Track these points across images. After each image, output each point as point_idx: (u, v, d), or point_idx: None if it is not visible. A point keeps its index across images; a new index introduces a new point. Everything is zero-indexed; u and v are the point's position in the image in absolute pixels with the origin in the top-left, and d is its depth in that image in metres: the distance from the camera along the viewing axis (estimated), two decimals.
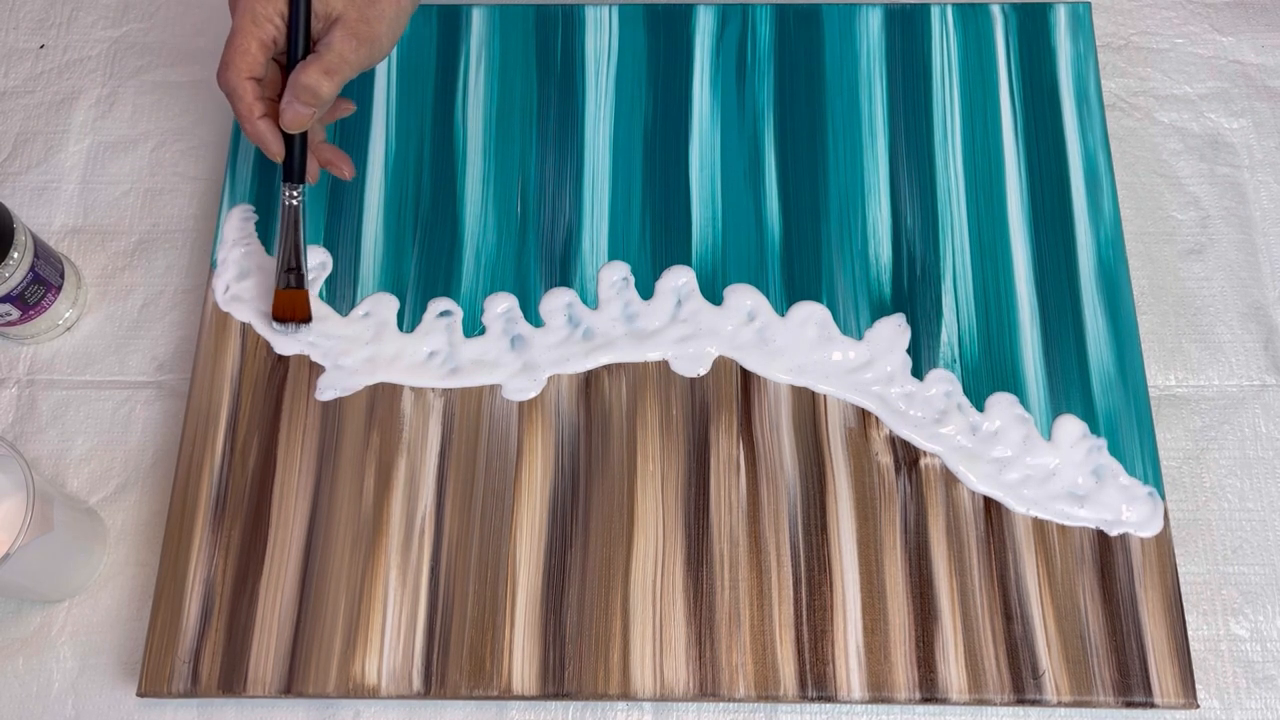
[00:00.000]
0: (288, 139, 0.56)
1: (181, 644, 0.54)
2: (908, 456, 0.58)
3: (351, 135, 0.65)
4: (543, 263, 0.62)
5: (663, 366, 0.60)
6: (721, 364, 0.60)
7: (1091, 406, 0.58)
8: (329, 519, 0.57)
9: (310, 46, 0.55)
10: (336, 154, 0.60)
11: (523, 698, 0.54)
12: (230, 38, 0.54)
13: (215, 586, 0.55)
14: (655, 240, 0.63)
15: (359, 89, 0.66)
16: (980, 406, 0.58)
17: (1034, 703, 0.53)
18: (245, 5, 0.54)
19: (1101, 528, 0.56)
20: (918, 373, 0.59)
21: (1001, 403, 0.58)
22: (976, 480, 0.57)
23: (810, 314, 0.60)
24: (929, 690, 0.53)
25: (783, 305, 0.61)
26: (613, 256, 0.62)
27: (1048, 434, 0.58)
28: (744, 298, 0.61)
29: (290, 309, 0.59)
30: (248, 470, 0.58)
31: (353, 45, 0.54)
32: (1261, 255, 0.64)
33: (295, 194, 0.58)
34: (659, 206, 0.63)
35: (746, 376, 0.59)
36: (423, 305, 0.61)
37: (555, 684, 0.54)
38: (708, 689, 0.53)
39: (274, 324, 0.60)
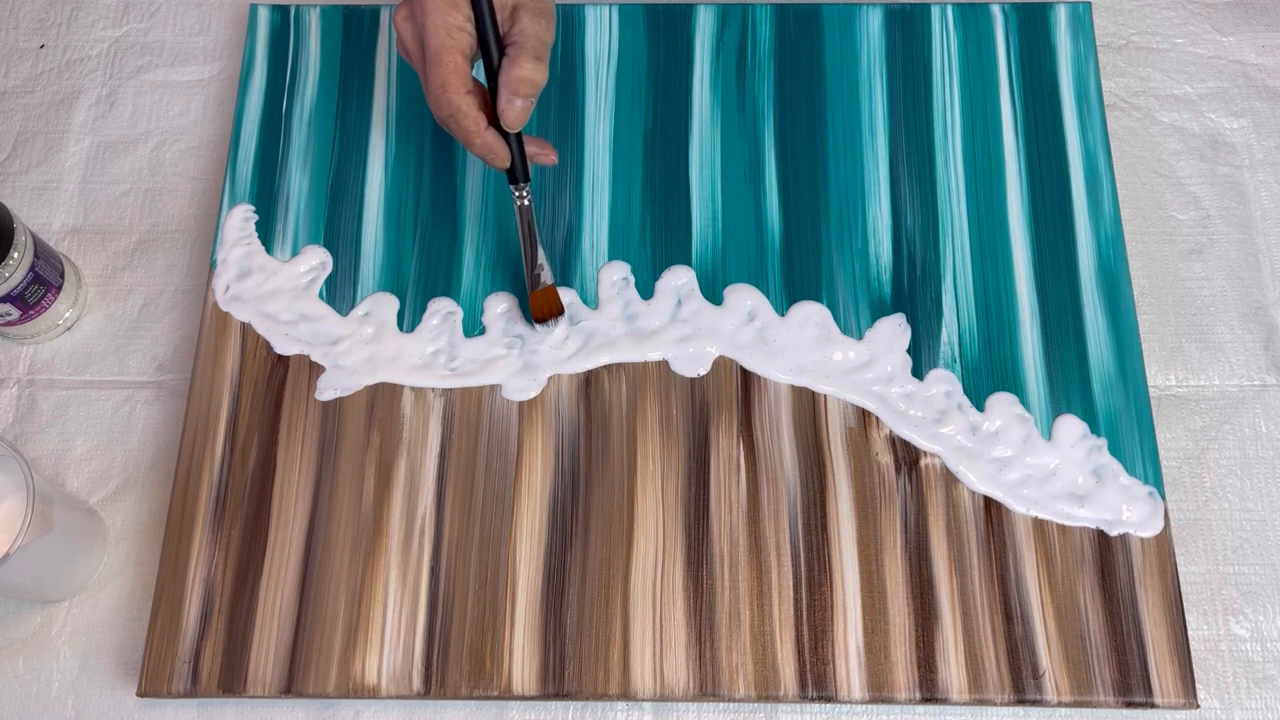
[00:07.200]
0: (508, 141, 0.55)
1: (181, 644, 0.54)
2: (908, 456, 0.58)
3: (352, 135, 0.65)
4: None
5: (663, 366, 0.60)
6: (721, 364, 0.60)
7: (1092, 406, 0.58)
8: (329, 519, 0.57)
9: (501, 41, 0.54)
10: (540, 144, 0.59)
11: (523, 698, 0.54)
12: (435, 58, 0.52)
13: (215, 586, 0.55)
14: (655, 240, 0.62)
15: (359, 89, 0.66)
16: (980, 406, 0.58)
17: (1034, 703, 0.53)
18: (437, 23, 0.52)
19: (1102, 528, 0.56)
20: (918, 373, 0.59)
21: (1001, 403, 0.58)
22: (976, 480, 0.57)
23: (810, 314, 0.60)
24: (929, 690, 0.53)
25: (783, 305, 0.61)
26: (613, 256, 0.62)
27: (1048, 434, 0.58)
28: (744, 298, 0.61)
29: (547, 307, 0.59)
30: (248, 470, 0.58)
31: (543, 24, 0.54)
32: (1261, 255, 0.64)
33: (525, 194, 0.57)
34: (659, 206, 0.63)
35: (746, 376, 0.59)
36: (423, 305, 0.61)
37: (555, 684, 0.54)
38: (708, 689, 0.53)
39: (536, 326, 0.59)
